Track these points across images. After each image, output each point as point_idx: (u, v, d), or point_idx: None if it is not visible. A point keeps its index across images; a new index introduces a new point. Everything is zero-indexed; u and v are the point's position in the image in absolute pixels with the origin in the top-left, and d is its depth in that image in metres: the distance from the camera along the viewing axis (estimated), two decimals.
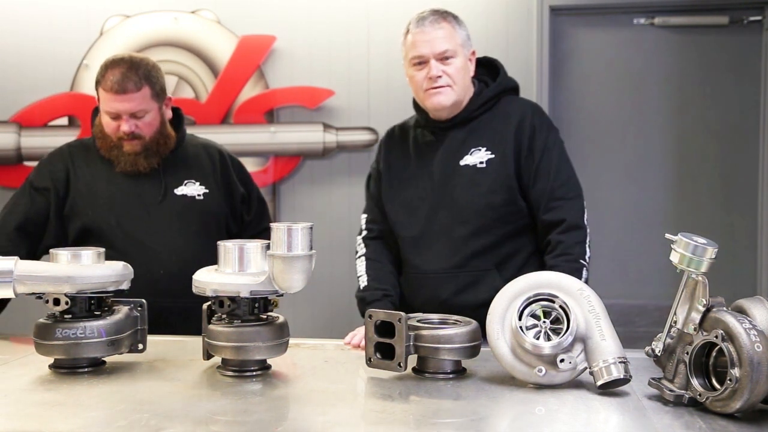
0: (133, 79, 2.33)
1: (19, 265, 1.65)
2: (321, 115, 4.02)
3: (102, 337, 1.67)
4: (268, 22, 4.02)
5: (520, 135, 2.24)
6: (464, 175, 2.24)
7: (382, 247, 2.39)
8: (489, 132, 2.27)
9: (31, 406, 1.48)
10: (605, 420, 1.42)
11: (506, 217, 2.23)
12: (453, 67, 2.22)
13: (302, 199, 4.06)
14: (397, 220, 2.33)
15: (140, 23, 4.07)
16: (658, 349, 1.50)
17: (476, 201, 2.22)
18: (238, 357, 1.65)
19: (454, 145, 2.28)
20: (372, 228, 2.42)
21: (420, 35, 2.25)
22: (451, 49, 2.22)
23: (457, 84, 2.23)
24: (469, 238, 2.22)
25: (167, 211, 2.42)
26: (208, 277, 1.66)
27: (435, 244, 2.25)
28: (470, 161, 2.24)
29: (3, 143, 4.08)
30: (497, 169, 2.22)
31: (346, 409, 1.47)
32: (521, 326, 1.58)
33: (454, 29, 2.25)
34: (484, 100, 2.29)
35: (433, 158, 2.30)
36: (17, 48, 4.11)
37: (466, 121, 2.29)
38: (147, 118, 2.38)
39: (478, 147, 2.25)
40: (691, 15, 3.85)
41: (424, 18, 2.27)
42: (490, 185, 2.22)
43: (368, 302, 2.24)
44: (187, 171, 2.49)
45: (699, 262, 1.43)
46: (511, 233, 2.24)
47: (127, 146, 2.37)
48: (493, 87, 2.31)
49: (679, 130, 3.88)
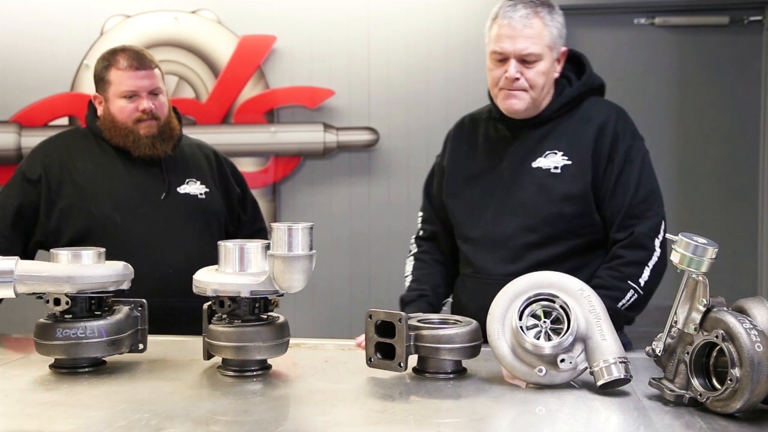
0: (147, 58, 2.39)
1: (19, 265, 1.65)
2: (321, 115, 4.03)
3: (102, 337, 1.67)
4: (268, 22, 4.03)
5: (600, 142, 2.05)
6: (535, 179, 2.07)
7: (433, 248, 2.28)
8: (567, 135, 2.08)
9: (32, 406, 1.47)
10: (606, 420, 1.42)
11: (578, 230, 2.05)
12: (534, 71, 2.03)
13: (302, 199, 4.06)
14: (461, 221, 2.19)
15: (141, 23, 4.08)
16: (659, 349, 1.50)
17: (546, 209, 2.05)
18: (238, 357, 1.65)
19: (528, 144, 2.11)
20: (425, 228, 2.32)
21: (506, 29, 2.02)
22: (536, 53, 2.02)
23: (535, 89, 2.04)
24: (535, 247, 2.05)
25: (172, 209, 2.40)
26: (208, 277, 1.66)
27: (497, 249, 2.10)
28: (543, 164, 2.07)
29: (3, 143, 4.08)
30: (573, 176, 2.04)
31: (347, 409, 1.46)
32: (522, 326, 1.58)
33: (544, 27, 2.03)
34: (566, 100, 2.10)
35: (504, 155, 2.13)
36: (18, 48, 4.12)
37: (544, 121, 2.11)
38: (161, 98, 2.40)
39: (554, 150, 2.07)
40: (691, 15, 3.86)
41: (515, 9, 2.03)
42: (563, 193, 2.04)
43: (405, 303, 2.17)
44: (187, 170, 2.48)
45: (699, 262, 1.43)
46: (580, 247, 2.06)
47: (143, 128, 2.36)
48: (577, 86, 2.12)
49: (679, 130, 3.89)
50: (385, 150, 4.00)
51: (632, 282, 1.97)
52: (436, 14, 3.95)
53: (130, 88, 2.34)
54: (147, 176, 2.41)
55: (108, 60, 2.38)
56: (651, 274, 1.99)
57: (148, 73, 2.36)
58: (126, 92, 2.35)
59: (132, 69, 2.34)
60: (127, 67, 2.34)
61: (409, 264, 2.30)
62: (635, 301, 1.98)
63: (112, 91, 2.37)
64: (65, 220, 2.33)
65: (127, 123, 2.36)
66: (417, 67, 3.99)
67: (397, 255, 4.04)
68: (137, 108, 2.35)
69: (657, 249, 2.01)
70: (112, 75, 2.36)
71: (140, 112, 2.35)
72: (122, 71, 2.34)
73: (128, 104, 2.35)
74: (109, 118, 2.38)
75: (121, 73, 2.34)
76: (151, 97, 2.37)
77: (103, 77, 2.38)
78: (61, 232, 2.33)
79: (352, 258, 4.03)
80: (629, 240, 2.01)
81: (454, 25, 3.90)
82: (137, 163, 2.40)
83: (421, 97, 3.97)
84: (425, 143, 3.91)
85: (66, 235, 2.32)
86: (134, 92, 2.35)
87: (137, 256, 1.98)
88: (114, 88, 2.36)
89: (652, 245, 2.01)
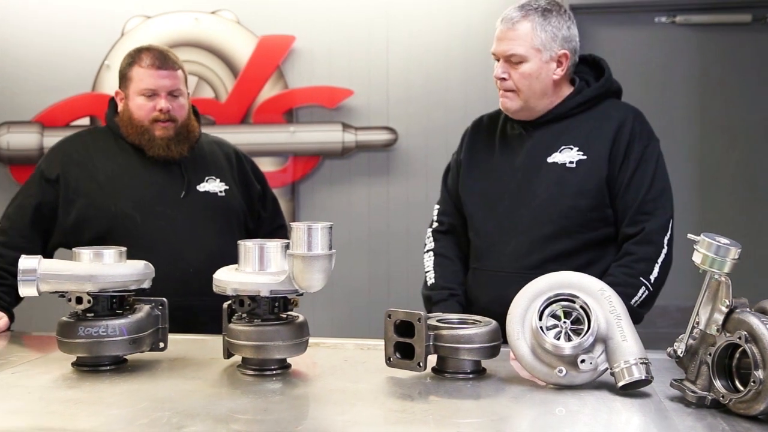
0: (171, 59, 2.41)
1: (42, 264, 1.67)
2: (340, 115, 4.03)
3: (124, 335, 1.68)
4: (287, 22, 4.04)
5: (617, 140, 2.11)
6: (551, 173, 2.12)
7: (452, 242, 2.30)
8: (584, 132, 2.14)
9: (55, 404, 1.49)
10: (626, 421, 1.41)
11: (592, 224, 2.11)
12: (519, 72, 2.11)
13: (321, 199, 4.07)
14: (474, 213, 2.23)
15: (161, 24, 4.11)
16: (681, 350, 1.48)
17: (561, 201, 2.10)
18: (258, 356, 1.65)
19: (543, 140, 2.16)
20: (443, 221, 2.33)
21: (498, 32, 2.15)
22: (520, 54, 2.10)
23: (521, 90, 2.12)
24: (549, 240, 2.10)
25: (191, 207, 2.42)
26: (228, 276, 1.67)
27: (512, 242, 2.14)
28: (559, 159, 2.12)
29: (26, 143, 4.13)
30: (588, 171, 2.10)
31: (366, 409, 1.47)
32: (541, 326, 1.57)
33: (534, 30, 2.10)
34: (583, 99, 2.17)
35: (520, 152, 2.19)
36: (40, 49, 4.16)
37: (559, 118, 2.17)
38: (181, 100, 2.41)
39: (570, 146, 2.13)
40: (713, 13, 3.82)
41: (509, 13, 2.14)
42: (578, 187, 2.10)
43: (434, 302, 2.18)
44: (207, 168, 2.49)
45: (722, 262, 1.41)
46: (593, 241, 2.11)
47: (159, 130, 2.37)
48: (595, 87, 2.18)
49: (701, 129, 3.86)
50: (404, 150, 4.00)
51: (644, 278, 2.03)
52: (455, 14, 3.95)
53: (149, 87, 2.36)
54: (166, 175, 2.42)
55: (132, 57, 2.40)
56: (660, 271, 2.05)
57: (169, 73, 2.38)
58: (145, 90, 2.37)
59: (154, 68, 2.36)
60: (149, 66, 2.36)
61: (429, 259, 2.30)
62: (646, 298, 2.03)
63: (132, 88, 2.39)
64: (85, 219, 2.34)
65: (143, 121, 2.37)
66: (436, 67, 3.98)
67: (415, 254, 4.03)
68: (155, 107, 2.37)
69: (665, 246, 2.07)
70: (134, 72, 2.38)
71: (157, 111, 2.36)
72: (144, 69, 2.36)
73: (146, 102, 2.37)
74: (127, 115, 2.40)
75: (142, 70, 2.36)
76: (170, 98, 2.38)
77: (126, 74, 2.41)
78: (80, 231, 2.34)
79: (371, 257, 4.03)
80: (640, 236, 2.06)
81: (473, 25, 3.89)
82: (156, 161, 2.41)
83: (440, 97, 3.97)
84: (444, 143, 3.90)
85: (86, 235, 2.33)
86: (153, 91, 2.37)
87: (157, 254, 1.99)
88: (134, 85, 2.38)
89: (662, 241, 2.06)
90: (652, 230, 2.06)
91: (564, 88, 2.19)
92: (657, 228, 2.06)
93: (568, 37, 2.15)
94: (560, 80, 2.17)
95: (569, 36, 2.15)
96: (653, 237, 2.05)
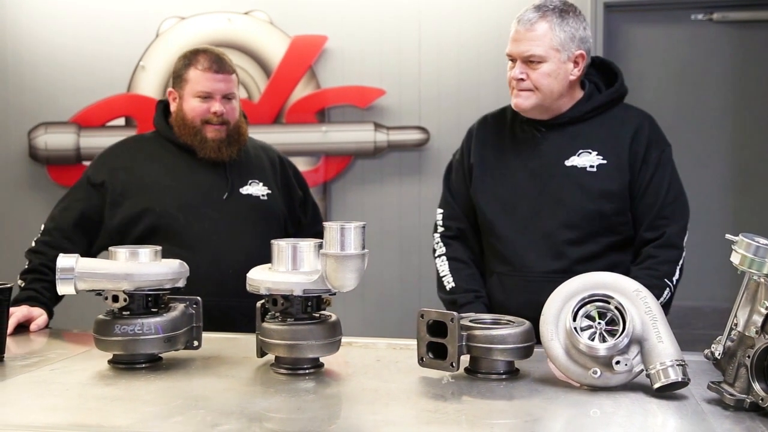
0: (227, 63, 2.43)
1: (79, 263, 1.69)
2: (372, 115, 4.04)
3: (159, 333, 1.70)
4: (319, 22, 4.06)
5: (636, 145, 2.14)
6: (571, 177, 2.14)
7: (463, 246, 2.30)
8: (601, 136, 2.16)
9: (92, 401, 1.51)
10: (663, 424, 1.40)
11: (615, 227, 2.14)
12: (538, 72, 2.11)
13: (353, 199, 4.08)
14: (495, 219, 2.22)
15: (195, 24, 4.14)
16: (718, 352, 1.46)
17: (586, 206, 2.12)
18: (291, 355, 1.66)
19: (558, 143, 2.18)
20: (450, 225, 2.32)
21: (514, 33, 2.15)
22: (539, 54, 2.11)
23: (540, 89, 2.12)
24: (574, 244, 2.12)
25: (234, 209, 2.43)
26: (261, 275, 1.68)
27: (535, 246, 2.15)
28: (578, 163, 2.14)
29: (63, 143, 4.19)
30: (611, 175, 2.13)
31: (399, 409, 1.46)
32: (576, 327, 1.56)
33: (552, 30, 2.11)
34: (594, 105, 2.19)
35: (533, 154, 2.19)
36: (76, 51, 4.22)
37: (574, 121, 2.19)
38: (234, 102, 2.44)
39: (588, 150, 2.15)
40: (751, 10, 3.76)
41: (525, 14, 2.14)
42: (602, 191, 2.12)
43: (461, 305, 2.18)
44: (251, 171, 2.51)
45: (761, 263, 1.39)
46: (616, 245, 2.15)
47: (211, 132, 2.40)
48: (608, 94, 2.21)
49: (739, 128, 3.79)
50: (436, 149, 3.99)
51: (668, 280, 2.07)
52: (487, 13, 3.93)
53: (205, 89, 2.39)
54: (211, 176, 2.45)
55: (189, 59, 2.42)
56: (680, 273, 2.11)
57: (225, 77, 2.40)
58: (201, 92, 2.39)
59: (211, 71, 2.38)
60: (206, 69, 2.38)
61: (444, 264, 2.29)
62: (669, 299, 2.08)
63: (187, 90, 2.41)
64: (130, 220, 2.37)
65: (196, 122, 2.40)
66: (468, 66, 3.97)
67: None
68: (209, 109, 2.39)
69: (684, 249, 2.14)
70: (190, 74, 2.40)
71: (211, 113, 2.39)
72: (201, 72, 2.38)
73: (201, 104, 2.39)
74: (180, 116, 2.43)
75: (199, 73, 2.38)
76: (224, 101, 2.40)
77: (182, 75, 2.43)
78: (125, 232, 2.38)
79: (403, 257, 4.03)
80: (662, 240, 2.10)
81: (504, 23, 3.84)
82: (202, 163, 2.44)
83: (472, 97, 3.95)
84: None
85: (131, 236, 2.37)
86: (209, 94, 2.39)
87: (199, 255, 2.00)
88: (190, 87, 2.40)
89: (682, 245, 2.13)
90: (672, 233, 2.11)
91: (576, 89, 2.21)
92: (677, 231, 2.12)
93: (584, 38, 2.17)
94: (574, 81, 2.18)
95: (585, 37, 2.17)
96: (674, 240, 2.10)
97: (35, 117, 4.24)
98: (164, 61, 4.03)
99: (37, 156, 4.22)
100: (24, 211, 4.21)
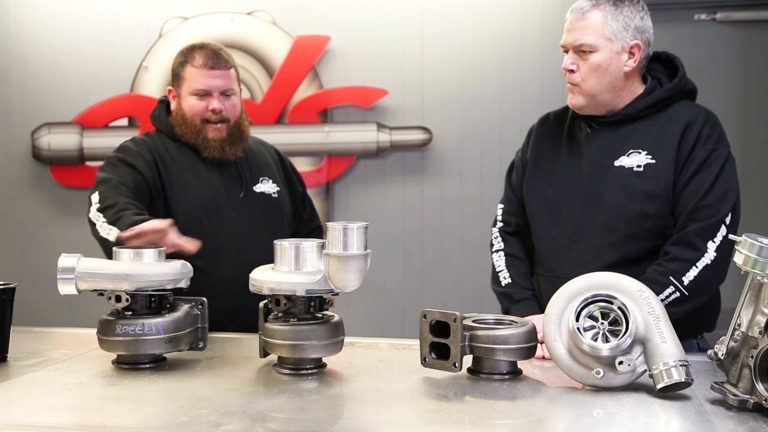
0: (224, 57, 2.37)
1: (81, 262, 1.69)
2: (375, 115, 4.03)
3: (160, 334, 1.70)
4: (322, 23, 4.06)
5: (683, 142, 2.02)
6: (617, 177, 2.05)
7: (520, 243, 2.24)
8: (653, 135, 2.06)
9: (95, 400, 1.51)
10: (666, 424, 1.39)
11: (658, 230, 2.02)
12: (587, 63, 2.04)
13: (356, 199, 4.08)
14: (537, 217, 2.18)
15: (198, 25, 4.14)
16: (721, 352, 1.46)
17: (629, 207, 2.02)
18: (294, 355, 1.66)
19: (610, 142, 2.09)
20: (509, 221, 2.26)
21: (567, 23, 2.08)
22: (590, 43, 2.03)
23: (585, 82, 2.05)
24: (615, 246, 2.03)
25: (250, 208, 2.39)
26: (264, 275, 1.68)
27: (576, 247, 2.08)
28: (626, 163, 2.05)
29: (66, 144, 4.20)
30: (656, 175, 2.02)
31: (401, 409, 1.47)
32: (578, 327, 1.56)
33: (605, 19, 2.03)
34: (654, 100, 2.08)
35: (585, 154, 2.12)
36: (79, 52, 4.23)
37: (628, 119, 2.09)
38: (233, 99, 2.38)
39: (638, 149, 2.05)
40: (754, 10, 3.75)
41: (577, 4, 2.07)
42: (646, 192, 2.02)
43: (516, 300, 2.13)
44: (260, 169, 2.48)
45: (764, 263, 1.39)
46: (658, 250, 2.01)
47: (212, 132, 2.34)
48: (668, 88, 2.09)
49: (742, 130, 3.79)
50: (439, 150, 3.99)
51: (674, 278, 1.93)
52: (490, 14, 3.93)
53: (202, 87, 2.33)
54: (225, 175, 2.40)
55: (185, 56, 2.37)
56: (699, 275, 1.94)
57: (222, 72, 2.34)
58: (198, 90, 2.33)
59: (206, 68, 2.32)
60: (202, 66, 2.32)
61: (500, 259, 2.23)
62: (675, 299, 1.92)
63: (185, 88, 2.36)
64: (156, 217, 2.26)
65: (196, 121, 2.34)
66: (471, 67, 3.97)
67: (450, 255, 4.03)
68: (207, 107, 2.33)
69: (710, 251, 1.95)
70: (186, 71, 2.35)
71: (210, 111, 2.33)
72: (197, 69, 2.33)
73: (199, 102, 2.34)
74: (180, 114, 2.37)
75: (195, 70, 2.33)
76: (222, 97, 2.35)
77: (179, 73, 2.37)
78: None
79: (405, 257, 4.03)
80: (678, 237, 1.98)
81: (507, 25, 3.87)
82: (213, 162, 2.38)
83: (475, 97, 3.95)
84: (478, 143, 3.89)
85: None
86: (206, 91, 2.33)
87: (224, 256, 1.94)
88: (187, 85, 2.35)
89: (704, 246, 1.95)
90: (692, 231, 1.96)
91: (636, 84, 2.11)
92: (699, 230, 1.96)
93: (641, 28, 2.07)
94: (632, 74, 2.08)
95: (642, 27, 2.08)
96: (692, 239, 1.96)
97: (38, 117, 4.24)
98: (167, 61, 3.98)
99: (41, 156, 4.22)
100: (27, 212, 4.22)
